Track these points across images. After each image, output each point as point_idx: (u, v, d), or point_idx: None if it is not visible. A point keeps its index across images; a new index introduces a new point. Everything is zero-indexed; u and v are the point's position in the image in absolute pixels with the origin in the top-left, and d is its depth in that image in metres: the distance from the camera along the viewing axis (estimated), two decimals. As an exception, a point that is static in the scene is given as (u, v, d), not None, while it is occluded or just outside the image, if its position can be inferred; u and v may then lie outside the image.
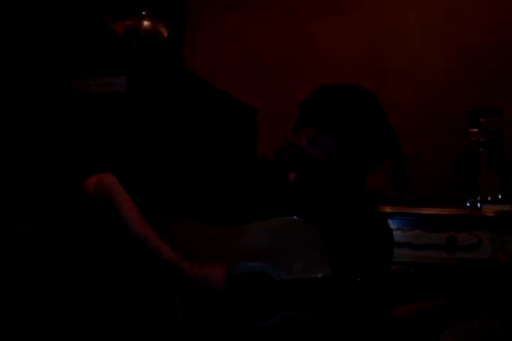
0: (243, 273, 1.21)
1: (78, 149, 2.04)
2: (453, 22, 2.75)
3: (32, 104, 2.11)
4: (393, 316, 1.24)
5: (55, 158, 2.04)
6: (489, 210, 2.21)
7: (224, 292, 1.18)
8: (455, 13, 2.76)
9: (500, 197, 2.35)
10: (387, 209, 2.18)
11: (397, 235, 2.13)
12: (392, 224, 2.01)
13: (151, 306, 1.22)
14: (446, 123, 2.66)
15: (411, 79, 2.76)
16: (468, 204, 2.37)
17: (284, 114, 1.77)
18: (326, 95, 1.25)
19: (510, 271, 1.08)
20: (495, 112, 2.39)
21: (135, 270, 1.25)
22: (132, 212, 1.27)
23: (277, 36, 3.01)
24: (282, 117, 1.91)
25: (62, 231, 1.58)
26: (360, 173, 1.27)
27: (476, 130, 2.40)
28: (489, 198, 2.35)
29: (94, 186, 1.32)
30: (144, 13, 2.43)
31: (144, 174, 1.33)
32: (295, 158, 1.22)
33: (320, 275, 1.18)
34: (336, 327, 1.20)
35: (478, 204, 2.33)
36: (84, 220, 1.36)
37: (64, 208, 1.69)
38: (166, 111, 2.16)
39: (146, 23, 2.41)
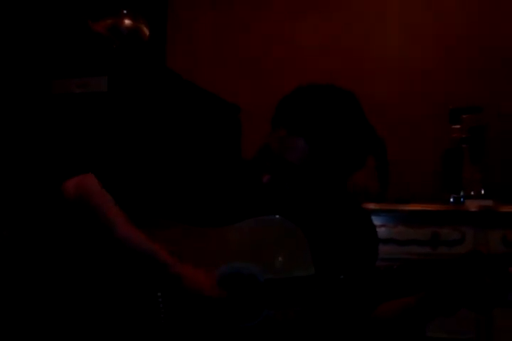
0: (226, 273, 1.21)
1: (58, 150, 2.02)
2: (441, 22, 2.76)
3: (11, 106, 2.09)
4: (375, 314, 1.25)
5: (33, 160, 2.02)
6: (472, 205, 2.23)
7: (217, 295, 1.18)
8: (442, 13, 2.77)
9: (483, 192, 2.37)
10: (371, 206, 2.19)
11: (382, 231, 2.15)
12: (377, 220, 2.02)
13: (133, 305, 1.21)
14: (429, 120, 2.68)
15: (399, 79, 2.77)
16: (451, 200, 2.38)
17: (267, 112, 1.76)
18: (297, 96, 1.23)
19: (492, 263, 1.08)
20: (476, 109, 2.41)
21: (116, 271, 1.24)
22: (114, 213, 1.25)
23: (257, 35, 3.00)
24: (265, 115, 1.90)
25: (39, 234, 1.57)
26: (340, 172, 1.25)
27: (458, 126, 2.42)
28: (472, 193, 2.36)
29: (74, 189, 1.30)
30: (125, 11, 2.41)
31: (126, 174, 1.31)
32: (268, 161, 1.22)
33: (303, 274, 1.18)
34: (320, 325, 1.20)
35: (462, 200, 2.35)
36: (64, 223, 1.34)
37: (42, 211, 1.68)
38: (148, 111, 2.15)
39: (127, 21, 2.39)
